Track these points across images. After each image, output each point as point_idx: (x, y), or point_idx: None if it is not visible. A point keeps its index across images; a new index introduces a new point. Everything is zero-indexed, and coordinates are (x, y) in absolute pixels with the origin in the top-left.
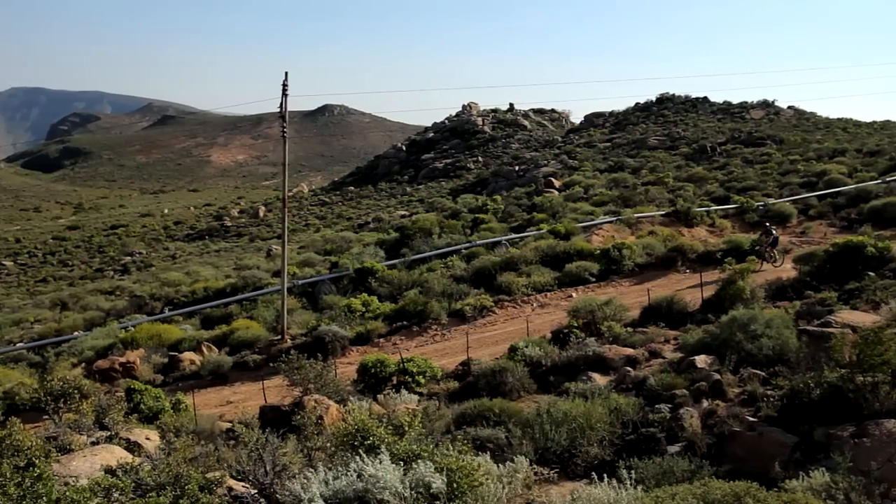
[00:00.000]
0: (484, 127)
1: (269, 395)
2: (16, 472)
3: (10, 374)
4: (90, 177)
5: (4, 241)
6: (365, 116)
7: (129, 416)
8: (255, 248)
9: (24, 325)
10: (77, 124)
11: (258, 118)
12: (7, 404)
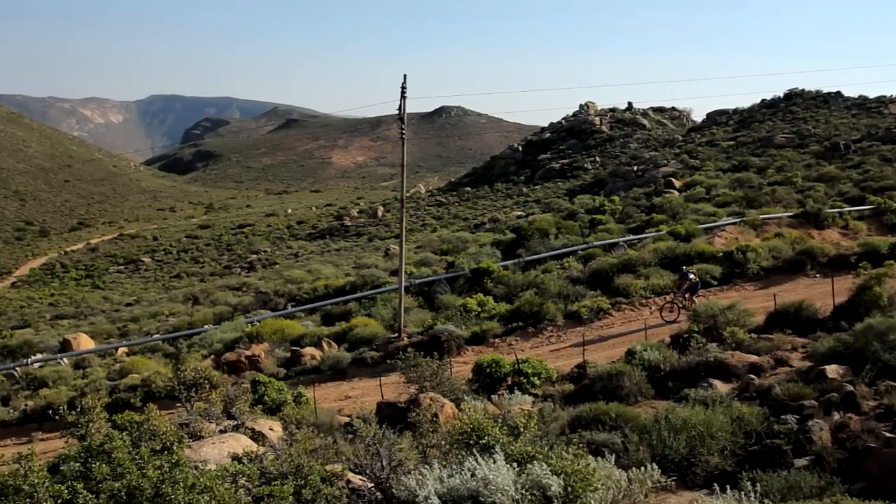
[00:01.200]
0: (601, 126)
1: (386, 392)
2: (153, 455)
3: (148, 364)
4: (220, 178)
5: (143, 239)
6: (481, 117)
7: (254, 407)
8: (373, 248)
9: (160, 318)
10: (208, 129)
11: (377, 121)
12: (145, 391)
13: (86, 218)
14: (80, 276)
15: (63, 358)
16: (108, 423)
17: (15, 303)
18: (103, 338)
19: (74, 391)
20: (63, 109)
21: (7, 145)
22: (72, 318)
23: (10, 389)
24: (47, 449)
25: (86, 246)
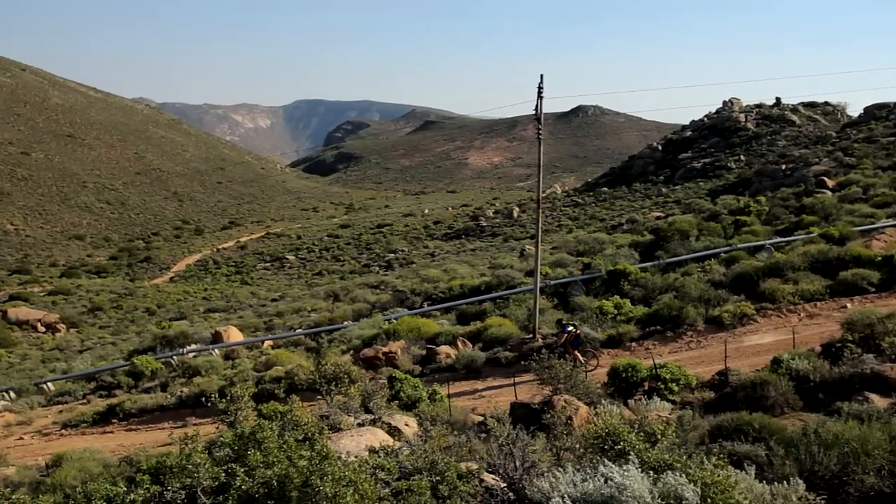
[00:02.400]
0: (746, 123)
1: (520, 392)
2: (298, 444)
3: (291, 357)
4: (360, 179)
5: (288, 238)
6: (619, 116)
7: (391, 403)
8: (508, 248)
9: (303, 314)
10: (350, 131)
11: (513, 121)
12: (288, 383)
13: (236, 217)
14: (230, 273)
15: (214, 349)
16: (255, 412)
17: (173, 296)
18: (250, 331)
19: (224, 380)
20: (217, 115)
21: (168, 150)
22: (222, 311)
23: (168, 376)
24: (200, 433)
25: (236, 244)
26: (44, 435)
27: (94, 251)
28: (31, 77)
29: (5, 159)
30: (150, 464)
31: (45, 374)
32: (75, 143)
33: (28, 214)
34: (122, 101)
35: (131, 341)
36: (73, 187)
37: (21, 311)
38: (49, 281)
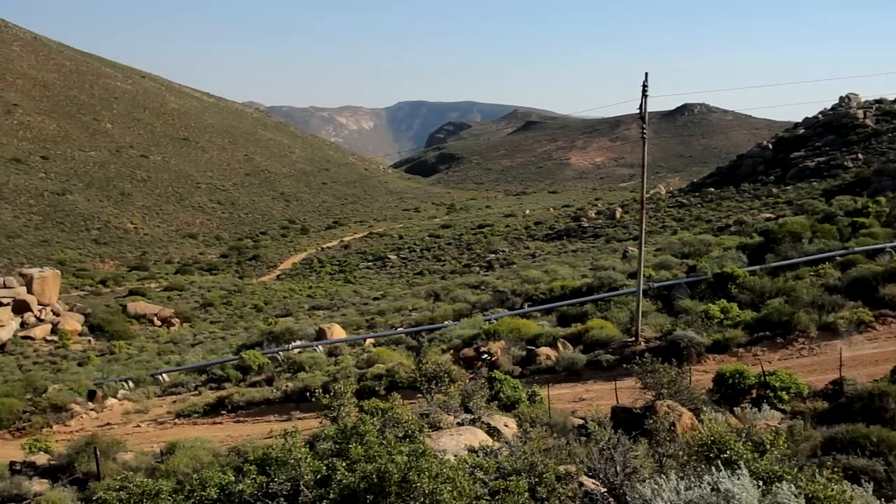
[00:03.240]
0: (865, 120)
1: (621, 396)
2: (398, 441)
3: (392, 355)
4: (461, 180)
5: (390, 238)
6: (727, 114)
7: (490, 403)
8: (610, 249)
9: (404, 312)
10: (451, 132)
11: (616, 121)
12: (389, 381)
13: (340, 217)
14: (334, 271)
15: (318, 345)
16: (357, 408)
17: (279, 294)
18: (353, 328)
19: (327, 376)
20: (322, 118)
21: (276, 152)
22: (326, 309)
23: (274, 371)
24: (304, 427)
25: (339, 243)
26: (159, 423)
27: (206, 249)
28: (151, 84)
29: (126, 162)
30: (257, 455)
31: (161, 365)
32: (190, 146)
33: (146, 214)
34: (233, 106)
35: (240, 336)
36: (187, 188)
37: (139, 306)
38: (165, 277)
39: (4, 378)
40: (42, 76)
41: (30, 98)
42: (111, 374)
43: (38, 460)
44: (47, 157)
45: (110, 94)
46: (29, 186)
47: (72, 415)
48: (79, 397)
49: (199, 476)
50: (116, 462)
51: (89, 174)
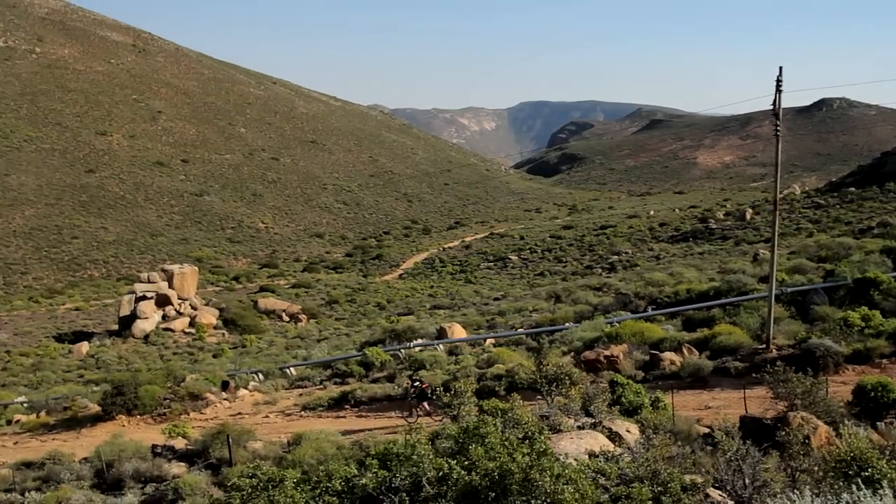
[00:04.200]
0: None
1: (750, 406)
2: (520, 442)
3: (512, 356)
4: (583, 180)
5: (511, 238)
6: (870, 109)
7: (611, 407)
8: (739, 252)
9: (524, 313)
10: (573, 132)
11: (747, 118)
12: (508, 381)
13: (461, 218)
14: (455, 271)
15: (439, 344)
16: (477, 408)
17: (401, 292)
18: (473, 328)
19: (448, 375)
20: (444, 119)
21: (399, 153)
22: (447, 308)
23: (395, 368)
24: (423, 425)
25: (461, 243)
26: (286, 415)
27: (332, 248)
28: (281, 89)
29: (258, 164)
30: (379, 450)
31: (289, 359)
32: (317, 148)
33: (277, 214)
34: (358, 109)
35: (363, 333)
36: (314, 189)
37: (269, 302)
38: (293, 275)
39: (148, 367)
40: (183, 84)
41: (172, 105)
42: (243, 366)
43: (176, 444)
44: (187, 161)
45: (244, 100)
46: (171, 188)
47: (207, 403)
48: (213, 387)
49: (325, 468)
50: (247, 450)
51: (224, 176)
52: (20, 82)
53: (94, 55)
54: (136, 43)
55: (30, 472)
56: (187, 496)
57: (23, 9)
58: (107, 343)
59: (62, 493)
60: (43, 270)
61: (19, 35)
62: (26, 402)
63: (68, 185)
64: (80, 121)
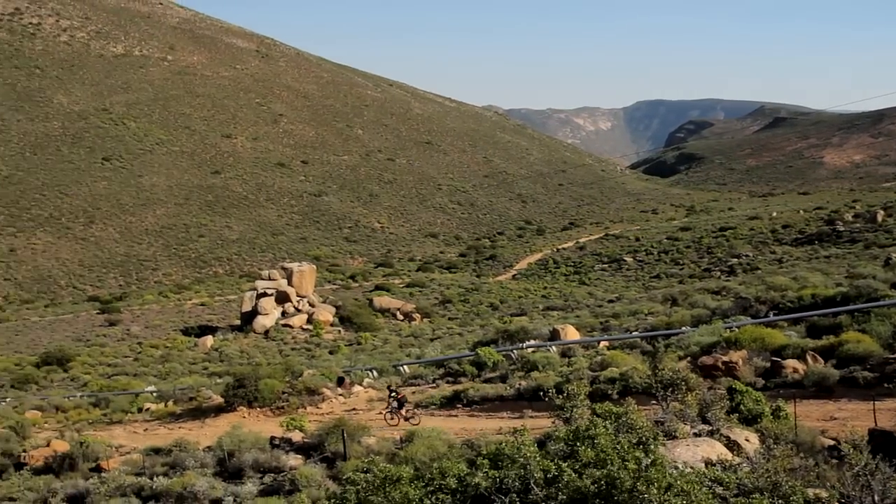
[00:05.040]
0: None
1: (881, 418)
2: (633, 448)
3: (626, 359)
4: (702, 181)
5: (626, 240)
6: None
7: (730, 415)
8: (869, 256)
9: (639, 316)
10: (692, 131)
11: (878, 115)
12: (622, 385)
13: (575, 218)
14: (568, 272)
15: (552, 346)
16: (589, 411)
17: (514, 293)
18: (587, 330)
19: (560, 377)
20: (559, 119)
21: (513, 154)
22: (560, 309)
23: (507, 369)
24: (535, 426)
25: (575, 244)
26: None
27: (446, 248)
28: (397, 91)
29: (375, 165)
30: (489, 450)
31: (402, 357)
32: (432, 149)
33: (392, 214)
34: (473, 109)
35: (476, 333)
36: (429, 190)
37: (384, 300)
38: (407, 274)
39: (267, 361)
40: (303, 88)
41: (292, 108)
42: (358, 363)
43: (293, 437)
44: (306, 162)
45: (361, 102)
46: (291, 188)
47: (323, 398)
48: (329, 383)
49: (439, 465)
50: (361, 445)
51: (342, 177)
52: (153, 88)
53: (221, 61)
54: (259, 49)
55: (158, 458)
56: (303, 488)
57: (156, 19)
58: (229, 337)
59: (187, 479)
60: (172, 267)
61: (153, 44)
62: (155, 391)
63: (196, 185)
64: (207, 124)
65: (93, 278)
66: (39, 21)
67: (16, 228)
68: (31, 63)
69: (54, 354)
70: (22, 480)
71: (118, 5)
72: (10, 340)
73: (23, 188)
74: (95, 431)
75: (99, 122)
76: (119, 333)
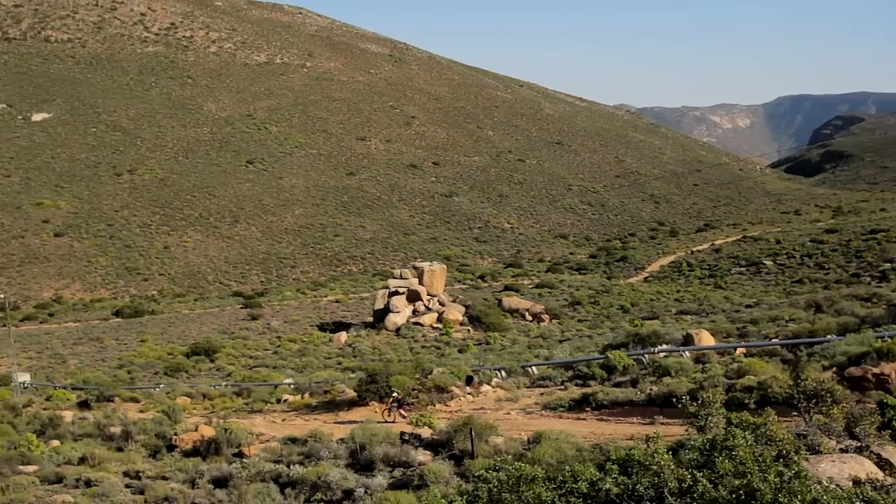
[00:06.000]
0: None
1: None
2: (775, 461)
3: (765, 367)
4: (850, 180)
5: (766, 242)
6: None
7: (881, 431)
8: None
9: (779, 323)
10: (839, 127)
11: None
12: (760, 394)
13: (711, 220)
14: (703, 275)
15: (685, 351)
16: (725, 420)
17: (646, 296)
18: (722, 336)
19: (693, 383)
20: (694, 117)
21: (646, 153)
22: (694, 314)
23: (638, 373)
24: (667, 433)
25: (710, 246)
26: (527, 413)
27: (575, 249)
28: (528, 92)
29: (505, 166)
30: (619, 455)
31: (530, 358)
32: (562, 149)
33: (521, 214)
34: (604, 109)
35: (605, 336)
36: (559, 190)
37: (513, 301)
38: (536, 275)
39: (398, 358)
40: (435, 90)
41: (425, 111)
42: (486, 362)
43: (422, 433)
44: (438, 163)
45: (492, 103)
46: (422, 189)
47: (451, 396)
48: (458, 381)
49: (571, 468)
50: (488, 444)
51: (472, 178)
52: (293, 94)
53: (356, 66)
54: (392, 53)
55: (294, 447)
56: (432, 483)
57: (295, 28)
58: (362, 334)
59: (321, 469)
60: (309, 265)
61: (293, 52)
62: (293, 383)
63: (332, 187)
64: (343, 127)
65: (237, 274)
66: (192, 34)
67: (169, 227)
68: (184, 73)
69: (202, 345)
70: (173, 461)
71: (261, 16)
72: (164, 331)
73: (176, 190)
74: (238, 419)
75: (244, 127)
76: (260, 327)
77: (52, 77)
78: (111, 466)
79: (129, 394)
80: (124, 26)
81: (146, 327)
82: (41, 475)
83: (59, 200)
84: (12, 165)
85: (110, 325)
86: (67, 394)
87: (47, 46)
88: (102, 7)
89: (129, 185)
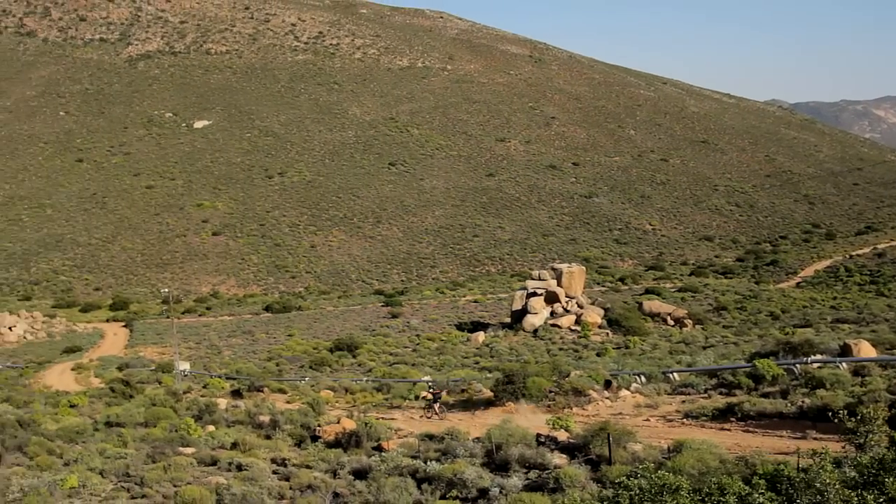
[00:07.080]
0: None
1: None
2: None
3: None
4: None
5: None
6: None
7: None
8: None
9: None
10: None
11: None
12: None
13: (873, 222)
14: (864, 282)
15: (842, 362)
16: (888, 438)
17: (798, 302)
18: (885, 348)
19: (851, 397)
20: (855, 112)
21: (799, 151)
22: (853, 323)
23: (789, 384)
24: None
25: (872, 251)
26: (667, 420)
27: (721, 252)
28: (671, 89)
29: (647, 166)
30: (767, 469)
31: (672, 364)
32: (708, 148)
33: (664, 216)
34: (753, 105)
35: (753, 343)
36: (704, 190)
37: (654, 304)
38: (679, 278)
39: (535, 359)
40: (574, 90)
41: (564, 111)
42: (625, 367)
43: (559, 436)
44: (577, 164)
45: (634, 101)
46: (561, 190)
47: (589, 400)
48: (596, 385)
49: (717, 481)
50: (626, 451)
51: (613, 178)
52: (434, 97)
53: (496, 68)
54: (532, 54)
55: (431, 444)
56: (567, 487)
57: (437, 32)
58: (500, 334)
59: (457, 467)
60: (448, 265)
61: (434, 55)
62: (431, 381)
63: (471, 188)
64: (483, 129)
65: (378, 273)
66: (338, 42)
67: (316, 227)
68: (331, 79)
69: (345, 341)
70: (316, 451)
71: (404, 22)
72: (309, 326)
73: (322, 191)
74: (378, 414)
75: (386, 130)
76: (400, 325)
77: (212, 86)
78: (260, 453)
79: (277, 385)
80: (276, 37)
81: (293, 322)
82: (198, 457)
83: (216, 202)
84: (176, 169)
85: (261, 320)
86: (222, 382)
87: (208, 58)
88: (257, 20)
89: (279, 187)
